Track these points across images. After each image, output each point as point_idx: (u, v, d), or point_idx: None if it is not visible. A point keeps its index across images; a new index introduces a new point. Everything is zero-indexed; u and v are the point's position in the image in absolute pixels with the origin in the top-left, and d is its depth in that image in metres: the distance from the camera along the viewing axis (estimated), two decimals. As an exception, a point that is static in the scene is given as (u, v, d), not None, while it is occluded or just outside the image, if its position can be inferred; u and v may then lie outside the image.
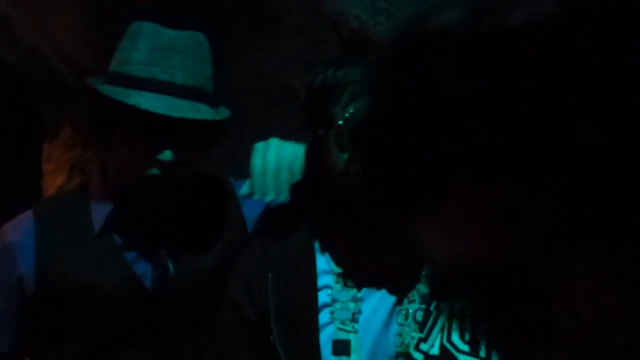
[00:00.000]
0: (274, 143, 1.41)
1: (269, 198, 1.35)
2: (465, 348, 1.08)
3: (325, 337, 1.13)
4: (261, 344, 1.17)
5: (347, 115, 1.10)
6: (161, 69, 1.23)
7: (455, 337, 1.09)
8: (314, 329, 1.13)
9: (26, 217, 1.33)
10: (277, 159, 1.36)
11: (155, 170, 1.24)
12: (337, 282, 1.16)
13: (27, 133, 2.75)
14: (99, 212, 1.32)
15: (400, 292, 1.14)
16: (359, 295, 1.14)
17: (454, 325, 1.09)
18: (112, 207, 1.31)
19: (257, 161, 1.40)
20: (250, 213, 1.39)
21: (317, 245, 1.20)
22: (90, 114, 1.35)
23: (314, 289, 1.16)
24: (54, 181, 2.51)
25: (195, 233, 1.36)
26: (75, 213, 1.33)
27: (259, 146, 1.43)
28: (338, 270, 1.17)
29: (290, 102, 1.82)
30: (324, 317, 1.14)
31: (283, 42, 1.82)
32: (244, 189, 1.41)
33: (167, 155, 1.23)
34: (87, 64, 2.29)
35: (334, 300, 1.15)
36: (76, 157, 2.46)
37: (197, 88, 1.25)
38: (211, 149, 1.35)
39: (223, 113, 1.30)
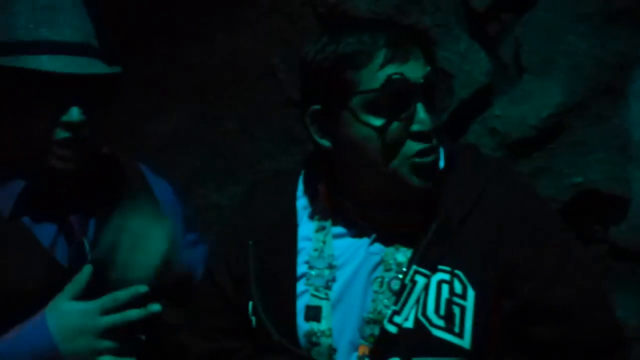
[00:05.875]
0: None
1: None
2: (440, 323, 1.08)
3: (302, 304, 1.15)
4: (235, 313, 1.19)
5: (384, 77, 1.07)
6: (47, 28, 1.18)
7: (430, 311, 1.09)
8: (291, 295, 1.15)
9: None
10: None
11: (64, 133, 1.18)
12: (315, 250, 1.17)
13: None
14: (4, 197, 1.22)
15: (376, 260, 1.14)
16: (335, 263, 1.16)
17: (429, 299, 1.09)
18: (20, 187, 1.22)
19: None
20: (163, 196, 1.35)
21: (299, 214, 1.21)
22: None
23: (293, 257, 1.17)
24: None
25: (105, 210, 1.24)
26: None
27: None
28: (317, 237, 1.18)
29: (267, 79, 1.81)
30: (301, 285, 1.16)
31: (258, 18, 1.80)
32: None
33: (74, 114, 1.17)
34: None
35: (310, 268, 1.16)
36: None
37: (86, 44, 1.20)
38: (108, 109, 1.27)
39: (115, 68, 1.24)
